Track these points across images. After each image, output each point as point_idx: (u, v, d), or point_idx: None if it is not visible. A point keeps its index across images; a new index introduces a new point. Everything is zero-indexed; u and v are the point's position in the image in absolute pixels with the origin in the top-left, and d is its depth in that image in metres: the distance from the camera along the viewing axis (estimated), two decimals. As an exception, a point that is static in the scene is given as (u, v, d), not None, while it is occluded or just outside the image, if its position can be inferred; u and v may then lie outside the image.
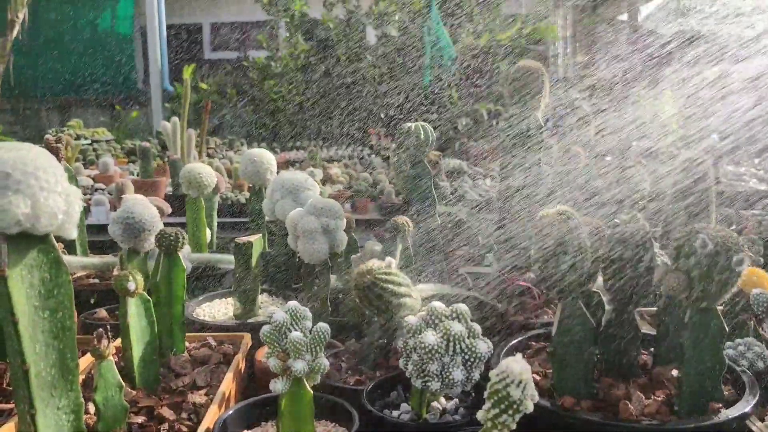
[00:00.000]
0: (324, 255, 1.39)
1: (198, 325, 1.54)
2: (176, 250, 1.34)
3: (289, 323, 1.05)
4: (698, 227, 0.95)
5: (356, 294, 1.05)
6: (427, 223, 1.49)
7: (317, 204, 1.42)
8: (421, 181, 1.50)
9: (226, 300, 1.74)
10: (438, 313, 1.02)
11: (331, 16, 8.81)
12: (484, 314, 1.32)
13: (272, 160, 2.13)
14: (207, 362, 1.34)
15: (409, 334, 1.02)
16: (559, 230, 1.01)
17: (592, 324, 1.04)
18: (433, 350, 0.97)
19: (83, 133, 6.68)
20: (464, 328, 1.00)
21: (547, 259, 1.01)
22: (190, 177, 2.01)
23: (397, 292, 1.03)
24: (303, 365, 1.01)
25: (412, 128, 1.50)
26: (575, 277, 1.01)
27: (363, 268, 1.04)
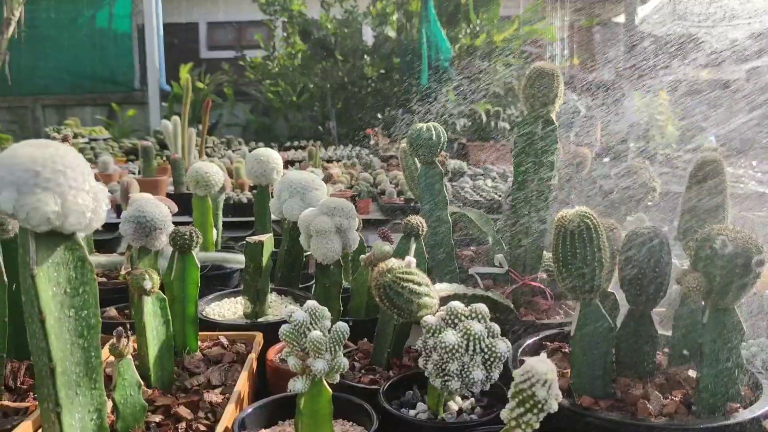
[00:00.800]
0: (337, 255, 1.40)
1: (209, 324, 1.54)
2: (190, 249, 1.34)
3: (308, 322, 1.05)
4: (718, 228, 0.95)
5: (376, 293, 1.05)
6: (438, 223, 1.50)
7: (330, 204, 1.42)
8: (433, 181, 1.51)
9: (235, 299, 1.74)
10: (457, 313, 1.02)
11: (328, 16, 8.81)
12: (499, 315, 1.33)
13: (279, 160, 2.13)
14: (221, 361, 1.34)
15: (428, 334, 1.02)
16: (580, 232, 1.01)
17: (610, 325, 1.04)
18: (453, 350, 0.98)
19: (80, 131, 6.67)
20: (484, 328, 1.00)
21: (568, 259, 1.01)
22: (198, 176, 2.01)
23: (417, 291, 1.04)
24: (323, 364, 1.01)
25: (424, 129, 1.50)
26: (596, 278, 1.01)
27: (383, 267, 1.04)
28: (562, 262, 1.02)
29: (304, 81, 8.81)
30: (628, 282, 1.08)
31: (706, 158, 1.11)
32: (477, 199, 3.23)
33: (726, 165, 1.15)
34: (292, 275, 1.89)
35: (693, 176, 1.12)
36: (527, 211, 1.38)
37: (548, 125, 1.32)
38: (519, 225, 1.39)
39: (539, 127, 1.32)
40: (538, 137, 1.33)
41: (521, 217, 1.39)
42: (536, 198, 1.36)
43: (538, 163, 1.34)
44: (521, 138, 1.34)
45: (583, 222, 1.02)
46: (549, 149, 1.33)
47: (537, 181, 1.36)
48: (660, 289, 1.07)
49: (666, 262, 1.07)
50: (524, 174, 1.37)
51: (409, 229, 1.35)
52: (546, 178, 1.35)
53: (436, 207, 1.51)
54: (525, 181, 1.37)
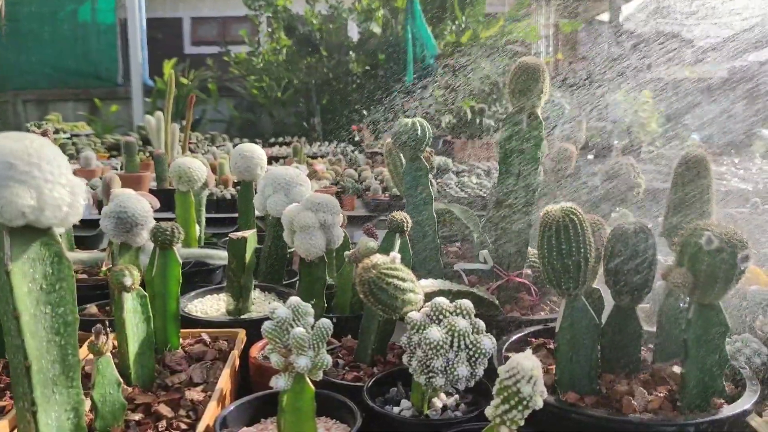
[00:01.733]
0: (321, 250, 1.38)
1: (191, 321, 1.52)
2: (172, 245, 1.32)
3: (291, 319, 1.03)
4: (703, 224, 0.95)
5: (360, 289, 1.04)
6: (423, 219, 1.49)
7: (314, 199, 1.41)
8: (418, 176, 1.50)
9: (218, 296, 1.72)
10: (442, 309, 1.01)
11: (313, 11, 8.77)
12: (484, 311, 1.32)
13: (263, 156, 2.11)
14: (202, 359, 1.32)
15: (413, 330, 1.01)
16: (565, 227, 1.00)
17: (596, 321, 1.04)
18: (438, 346, 0.97)
19: (62, 127, 6.60)
20: (468, 324, 1.00)
21: (553, 255, 1.01)
22: (180, 171, 1.98)
23: (401, 288, 1.03)
24: (306, 361, 1.00)
25: (409, 124, 1.49)
26: (581, 274, 1.01)
27: (368, 262, 1.03)
28: (546, 258, 1.02)
29: (289, 77, 8.76)
30: (614, 278, 1.08)
31: (691, 154, 1.11)
32: (462, 196, 3.22)
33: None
34: (276, 272, 1.87)
35: (678, 172, 1.12)
36: (512, 207, 1.37)
37: (534, 120, 1.32)
38: (504, 221, 1.39)
39: (524, 123, 1.32)
40: (524, 132, 1.32)
41: (506, 212, 1.38)
42: (521, 194, 1.36)
43: (523, 158, 1.33)
44: (506, 133, 1.33)
45: (567, 217, 1.01)
46: (534, 144, 1.32)
47: (522, 177, 1.35)
48: (645, 286, 1.07)
49: (651, 258, 1.06)
50: (509, 169, 1.36)
51: (393, 225, 1.34)
52: (531, 174, 1.34)
53: (421, 203, 1.50)
54: (510, 177, 1.36)
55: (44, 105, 9.78)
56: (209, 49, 10.84)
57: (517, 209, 1.36)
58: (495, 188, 1.40)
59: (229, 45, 10.03)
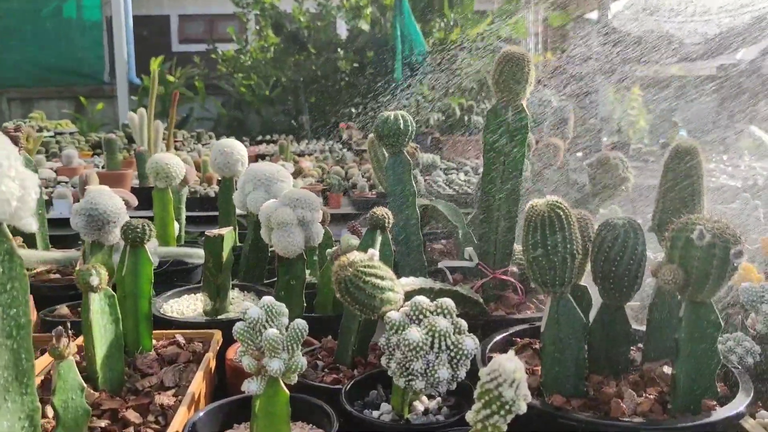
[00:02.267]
0: (299, 248, 1.33)
1: (166, 322, 1.47)
2: (143, 243, 1.27)
3: (264, 320, 0.98)
4: (694, 218, 0.91)
5: (336, 287, 0.99)
6: (406, 215, 1.44)
7: (293, 195, 1.36)
8: (401, 171, 1.45)
9: (195, 296, 1.66)
10: (422, 309, 0.96)
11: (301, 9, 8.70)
12: (468, 310, 1.27)
13: (243, 151, 2.06)
14: (175, 361, 1.27)
15: (391, 331, 0.97)
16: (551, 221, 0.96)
17: (582, 319, 0.99)
18: (417, 347, 0.92)
19: (45, 125, 6.50)
20: (450, 324, 0.95)
21: (538, 251, 0.96)
22: (158, 167, 1.93)
23: (380, 286, 0.98)
24: (279, 364, 0.95)
25: (391, 117, 1.44)
26: (567, 270, 0.96)
27: (344, 260, 0.98)
28: (531, 254, 0.97)
29: (277, 75, 8.69)
30: (602, 275, 1.03)
31: (682, 146, 1.06)
32: (449, 193, 3.19)
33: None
34: (257, 271, 1.82)
35: (668, 165, 1.08)
36: (498, 203, 1.32)
37: (519, 113, 1.27)
38: (489, 217, 1.34)
39: (510, 115, 1.27)
40: (509, 125, 1.27)
41: (491, 208, 1.34)
42: (507, 189, 1.31)
43: (509, 152, 1.28)
44: (491, 127, 1.29)
45: (553, 211, 0.97)
46: (520, 138, 1.28)
47: (508, 172, 1.30)
48: (634, 283, 1.03)
49: (641, 254, 1.02)
50: (494, 164, 1.31)
51: (374, 222, 1.29)
52: (517, 169, 1.29)
53: (404, 198, 1.45)
54: (495, 172, 1.31)
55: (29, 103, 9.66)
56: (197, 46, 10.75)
57: (503, 205, 1.32)
58: (480, 184, 1.35)
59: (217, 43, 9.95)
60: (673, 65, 3.41)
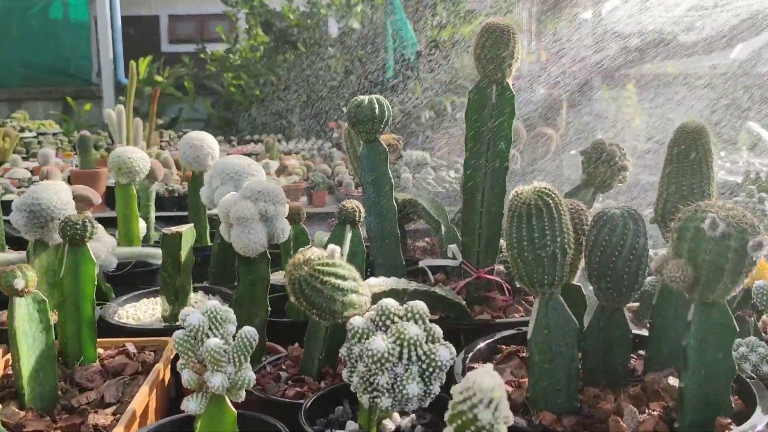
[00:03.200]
0: (261, 246, 1.20)
1: (117, 329, 1.33)
2: (83, 241, 1.13)
3: (206, 328, 0.85)
4: (705, 205, 0.78)
5: (290, 289, 0.85)
6: (382, 209, 1.30)
7: (254, 187, 1.22)
8: (376, 162, 1.31)
9: (156, 299, 1.53)
10: (389, 313, 0.83)
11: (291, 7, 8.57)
12: (448, 313, 1.14)
13: (214, 144, 1.92)
14: (121, 373, 1.14)
15: (354, 339, 0.83)
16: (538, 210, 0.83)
17: (575, 324, 0.86)
18: (382, 359, 0.79)
19: (28, 125, 6.36)
20: (421, 331, 0.81)
21: (524, 245, 0.83)
22: (120, 162, 1.79)
23: (341, 287, 0.84)
24: (222, 380, 0.82)
25: (365, 102, 1.31)
26: (557, 267, 0.83)
27: (299, 258, 0.84)
28: (516, 249, 0.84)
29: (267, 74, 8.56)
30: (597, 272, 0.90)
31: (689, 125, 0.93)
32: (439, 191, 3.08)
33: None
34: (226, 272, 1.69)
35: (673, 147, 0.94)
36: (481, 193, 1.19)
37: (504, 91, 1.13)
38: (472, 209, 1.21)
39: (494, 94, 1.14)
40: (493, 106, 1.14)
41: (475, 200, 1.20)
42: (491, 177, 1.18)
43: (493, 136, 1.15)
44: (473, 107, 1.15)
45: (541, 200, 0.83)
46: (505, 120, 1.14)
47: (492, 158, 1.17)
48: (635, 281, 0.89)
49: (642, 248, 0.89)
50: (478, 150, 1.18)
51: (344, 216, 1.15)
52: (502, 155, 1.16)
53: (380, 191, 1.31)
54: (479, 159, 1.18)
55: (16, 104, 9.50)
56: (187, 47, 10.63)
57: (487, 195, 1.18)
58: (462, 173, 1.22)
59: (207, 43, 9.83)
60: (668, 62, 3.31)
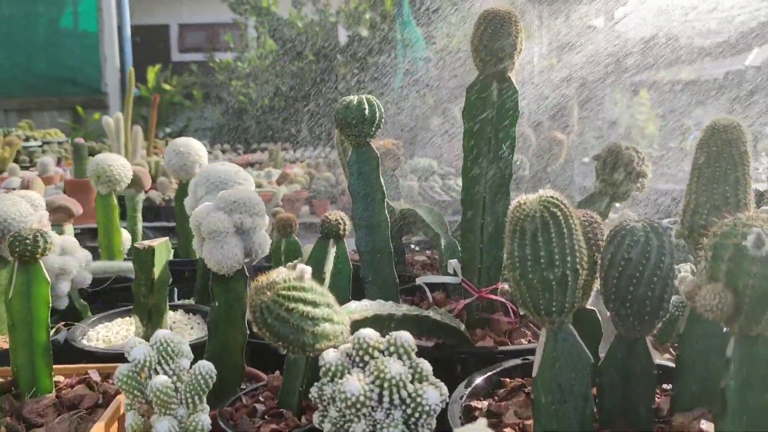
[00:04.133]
0: (236, 262, 1.07)
1: (83, 353, 1.21)
2: (35, 258, 1.01)
3: (154, 362, 0.73)
4: (745, 218, 0.64)
5: (252, 318, 0.72)
6: (373, 221, 1.17)
7: (228, 197, 1.10)
8: (367, 169, 1.18)
9: (130, 319, 1.41)
10: (368, 347, 0.70)
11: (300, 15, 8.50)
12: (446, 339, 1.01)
13: (201, 151, 1.80)
14: (77, 406, 1.01)
15: (326, 378, 0.70)
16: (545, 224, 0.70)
17: (589, 358, 0.73)
18: (358, 403, 0.66)
19: (33, 134, 6.31)
20: (406, 369, 0.68)
21: (528, 265, 0.70)
22: (99, 170, 1.68)
23: (310, 315, 0.71)
24: (170, 426, 0.69)
25: (354, 102, 1.18)
26: (569, 291, 0.70)
27: (261, 281, 0.71)
28: (519, 270, 0.71)
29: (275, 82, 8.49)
30: (615, 296, 0.77)
31: (720, 123, 0.80)
32: (446, 199, 2.95)
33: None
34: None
35: (702, 149, 0.81)
36: (482, 203, 1.06)
37: (506, 88, 1.00)
38: (473, 221, 1.08)
39: (495, 92, 1.01)
40: (494, 105, 1.01)
41: (476, 210, 1.07)
42: (494, 185, 1.05)
43: (494, 137, 1.02)
44: (472, 107, 1.02)
45: (547, 211, 0.70)
46: (509, 120, 1.01)
47: (494, 164, 1.04)
48: (659, 307, 0.76)
49: (668, 268, 0.75)
50: (477, 155, 1.05)
51: (326, 229, 1.03)
52: (506, 159, 1.03)
53: (370, 201, 1.18)
54: (479, 165, 1.05)
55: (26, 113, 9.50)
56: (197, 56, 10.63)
57: (489, 205, 1.05)
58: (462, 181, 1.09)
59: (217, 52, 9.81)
60: (684, 67, 3.19)
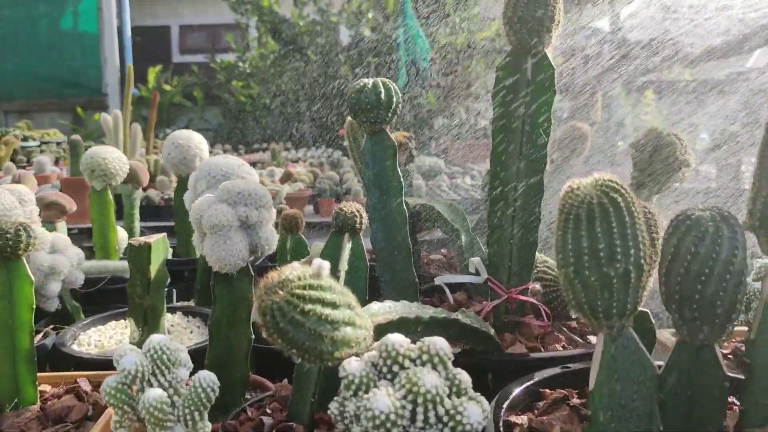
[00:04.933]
0: (240, 260, 0.97)
1: (74, 360, 1.11)
2: (17, 254, 0.91)
3: (148, 373, 0.62)
4: None
5: (262, 322, 0.62)
6: (389, 214, 1.07)
7: (232, 188, 1.00)
8: (383, 157, 1.08)
9: (125, 322, 1.31)
10: (397, 355, 0.60)
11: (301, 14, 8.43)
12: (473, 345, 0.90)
13: (202, 144, 1.71)
14: (64, 419, 0.91)
15: (348, 392, 0.60)
16: (603, 211, 0.60)
17: (654, 369, 0.63)
18: (388, 421, 0.55)
19: (32, 134, 6.22)
20: (442, 381, 0.58)
21: (584, 260, 0.60)
22: (93, 163, 1.58)
23: (330, 319, 0.61)
24: (164, 448, 0.59)
25: (369, 86, 1.08)
26: (631, 291, 0.60)
27: (273, 277, 0.61)
28: (573, 266, 0.61)
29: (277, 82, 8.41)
30: (680, 296, 0.66)
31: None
32: (454, 198, 2.85)
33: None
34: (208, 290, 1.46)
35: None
36: (513, 193, 0.96)
37: (542, 65, 0.90)
38: (502, 214, 0.97)
39: (529, 69, 0.90)
40: (528, 83, 0.91)
41: (505, 202, 0.97)
42: (526, 174, 0.94)
43: (527, 122, 0.92)
44: (504, 87, 0.92)
45: (607, 197, 0.60)
46: (545, 100, 0.91)
47: (527, 149, 0.94)
48: (732, 309, 0.65)
49: (741, 264, 0.65)
50: (508, 140, 0.95)
51: (341, 222, 0.92)
52: (539, 145, 0.93)
53: (386, 193, 1.08)
54: (509, 150, 0.95)
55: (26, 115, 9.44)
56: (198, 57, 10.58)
57: (521, 196, 0.95)
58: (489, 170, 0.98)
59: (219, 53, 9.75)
60: (690, 67, 3.12)
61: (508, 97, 0.92)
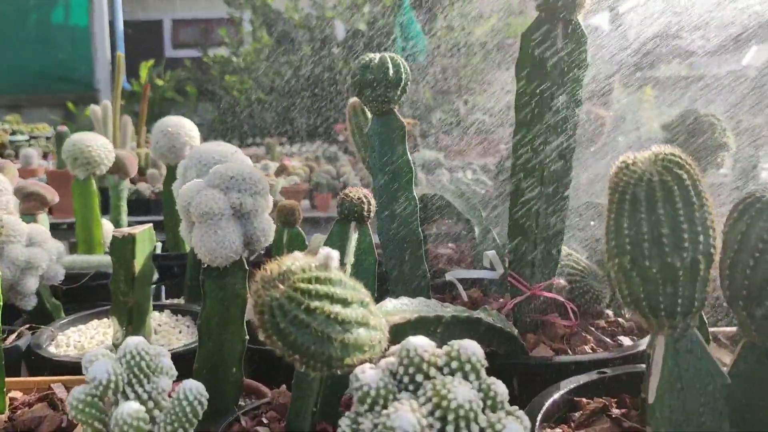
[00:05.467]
0: (232, 251, 0.87)
1: (51, 364, 1.01)
2: (-19, 245, 0.81)
3: (123, 382, 0.52)
4: None
5: (259, 322, 0.52)
6: (398, 202, 0.98)
7: (225, 172, 0.90)
8: (391, 139, 0.98)
9: (108, 321, 1.21)
10: (421, 362, 0.50)
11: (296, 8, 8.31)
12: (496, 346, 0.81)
13: (193, 131, 1.60)
14: (34, 431, 0.81)
15: (362, 406, 0.50)
16: (667, 191, 0.50)
17: (724, 376, 0.53)
18: (412, 443, 0.46)
19: (20, 128, 6.10)
20: (475, 393, 0.48)
21: (643, 248, 0.50)
22: (76, 151, 1.47)
23: (340, 318, 0.51)
24: (141, 474, 0.49)
25: (375, 61, 0.99)
26: (698, 284, 0.50)
27: (273, 269, 0.51)
28: (629, 255, 0.51)
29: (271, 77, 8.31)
30: (749, 292, 0.57)
31: None
32: (455, 192, 2.76)
33: None
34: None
35: None
36: (539, 178, 0.86)
37: (573, 32, 0.81)
38: (524, 201, 0.88)
39: (559, 37, 0.81)
40: (557, 52, 0.81)
41: (529, 186, 0.87)
42: (553, 154, 0.85)
43: (557, 96, 0.82)
44: (527, 56, 0.82)
45: (669, 173, 0.50)
46: (575, 74, 0.81)
47: (554, 128, 0.84)
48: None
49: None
50: (533, 117, 0.85)
51: (346, 208, 0.82)
52: (570, 122, 0.83)
53: (396, 179, 0.98)
54: (535, 129, 0.85)
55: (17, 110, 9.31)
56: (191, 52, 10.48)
57: (548, 179, 0.85)
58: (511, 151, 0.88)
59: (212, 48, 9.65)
60: (691, 62, 3.05)
61: (534, 69, 0.82)
